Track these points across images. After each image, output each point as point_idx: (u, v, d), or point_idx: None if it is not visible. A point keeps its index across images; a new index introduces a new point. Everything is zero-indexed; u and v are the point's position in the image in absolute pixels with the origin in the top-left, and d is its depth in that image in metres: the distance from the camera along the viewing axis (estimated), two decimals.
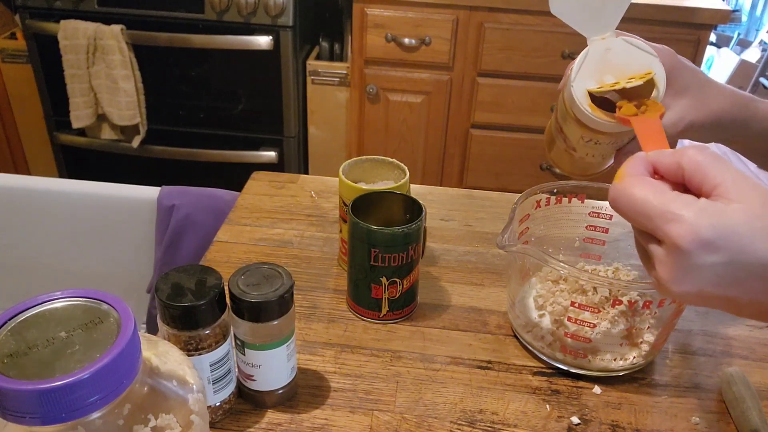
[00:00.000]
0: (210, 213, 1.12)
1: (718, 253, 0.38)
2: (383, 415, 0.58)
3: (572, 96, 0.55)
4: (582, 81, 0.55)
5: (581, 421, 0.59)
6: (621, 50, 0.55)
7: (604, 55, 0.55)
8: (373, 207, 0.69)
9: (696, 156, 0.41)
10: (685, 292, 0.40)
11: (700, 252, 0.38)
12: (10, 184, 1.15)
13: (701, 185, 0.40)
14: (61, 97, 1.85)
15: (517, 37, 1.73)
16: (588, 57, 0.55)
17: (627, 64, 0.55)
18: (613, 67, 0.55)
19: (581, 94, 0.55)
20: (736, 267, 0.38)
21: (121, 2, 1.76)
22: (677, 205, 0.39)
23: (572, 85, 0.55)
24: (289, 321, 0.55)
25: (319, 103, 1.93)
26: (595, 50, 0.55)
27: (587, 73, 0.55)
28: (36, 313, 0.32)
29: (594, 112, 0.54)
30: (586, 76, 0.55)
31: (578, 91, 0.55)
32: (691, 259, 0.38)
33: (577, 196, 0.70)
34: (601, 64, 0.55)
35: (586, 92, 0.55)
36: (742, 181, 0.39)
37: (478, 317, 0.71)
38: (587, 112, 0.54)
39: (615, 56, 0.55)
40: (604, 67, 0.55)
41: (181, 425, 0.33)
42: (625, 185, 0.42)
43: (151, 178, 1.34)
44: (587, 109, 0.55)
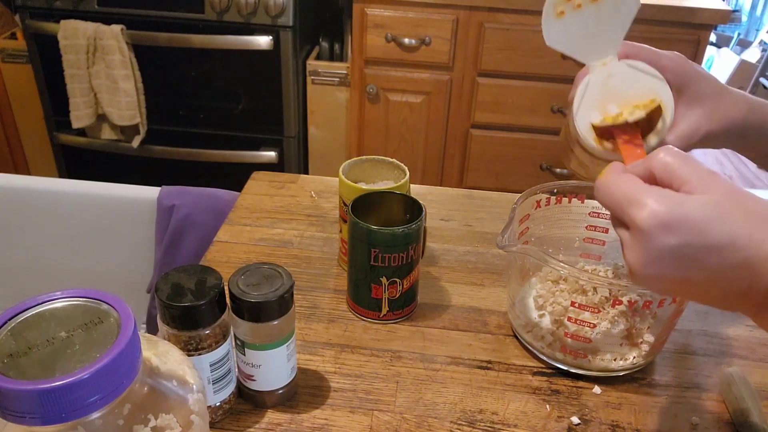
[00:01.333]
0: (210, 213, 1.12)
1: (675, 235, 0.40)
2: (383, 415, 0.59)
3: (576, 129, 0.54)
4: (585, 113, 0.53)
5: (581, 421, 0.59)
6: (624, 75, 0.53)
7: (607, 82, 0.53)
8: (373, 207, 0.69)
9: (664, 158, 0.44)
10: (650, 275, 0.43)
11: (658, 233, 0.41)
12: (10, 184, 1.15)
13: (671, 184, 0.43)
14: (61, 97, 1.85)
15: (517, 37, 1.73)
16: (589, 86, 0.53)
17: (631, 90, 0.53)
18: (616, 95, 0.53)
19: (584, 128, 0.53)
20: (692, 249, 0.40)
21: (121, 2, 1.76)
22: (643, 193, 0.42)
23: (575, 118, 0.54)
24: (289, 321, 0.55)
25: (319, 103, 1.93)
26: (597, 78, 0.53)
27: (590, 104, 0.53)
28: (36, 313, 0.32)
29: (599, 145, 0.53)
30: (588, 108, 0.53)
31: (581, 125, 0.53)
32: (651, 240, 0.41)
33: (577, 196, 0.70)
34: (604, 92, 0.53)
35: (589, 126, 0.53)
36: (707, 176, 0.42)
37: (478, 317, 0.71)
38: (593, 147, 0.53)
39: (618, 82, 0.53)
40: (607, 96, 0.53)
41: (181, 425, 0.33)
42: (603, 179, 0.46)
43: (151, 178, 1.34)
44: (593, 144, 0.53)
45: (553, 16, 0.54)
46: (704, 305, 0.46)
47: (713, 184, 0.41)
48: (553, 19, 0.54)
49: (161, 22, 1.78)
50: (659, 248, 0.41)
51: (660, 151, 0.44)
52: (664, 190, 0.42)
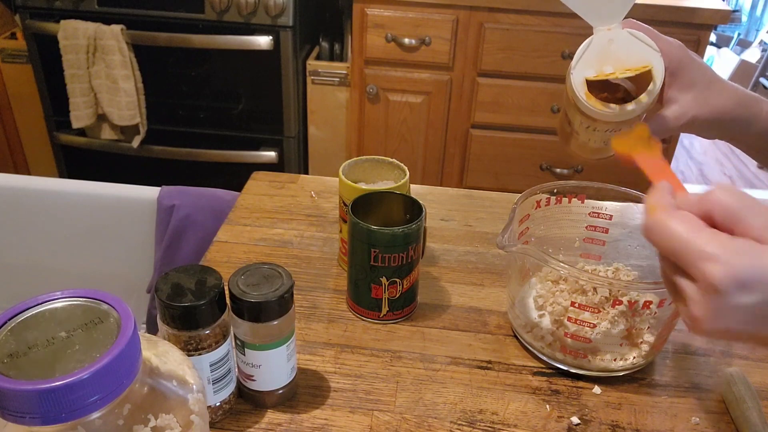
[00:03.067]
0: (210, 213, 1.12)
1: (754, 294, 0.38)
2: (383, 415, 0.58)
3: (570, 82, 0.56)
4: (581, 69, 0.56)
5: (581, 421, 0.59)
6: (624, 42, 0.56)
7: (607, 46, 0.56)
8: (373, 207, 0.69)
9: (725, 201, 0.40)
10: (716, 330, 0.40)
11: (735, 292, 0.38)
12: (10, 184, 1.15)
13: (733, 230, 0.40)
14: (61, 97, 1.85)
15: (517, 37, 1.73)
16: (591, 46, 0.56)
17: (628, 57, 0.56)
18: (613, 58, 0.56)
19: (579, 81, 0.56)
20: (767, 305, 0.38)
21: (121, 2, 1.76)
22: (714, 245, 0.39)
23: (572, 72, 0.56)
24: (289, 321, 0.55)
25: (319, 103, 1.93)
26: (599, 40, 0.56)
27: (587, 62, 0.56)
28: (36, 313, 0.32)
29: (588, 100, 0.56)
30: (586, 65, 0.56)
31: (576, 78, 0.56)
32: (727, 299, 0.38)
33: (577, 196, 0.70)
34: (603, 54, 0.56)
35: (583, 80, 0.56)
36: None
37: (478, 317, 0.71)
38: (582, 99, 0.56)
39: (617, 48, 0.56)
40: (604, 57, 0.56)
41: (181, 425, 0.33)
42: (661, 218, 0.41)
43: (151, 178, 1.34)
44: (583, 96, 0.56)
45: None
46: None
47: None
48: None
49: (161, 22, 1.78)
50: (734, 306, 0.38)
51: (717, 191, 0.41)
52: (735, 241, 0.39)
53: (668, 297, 0.58)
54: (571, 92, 0.57)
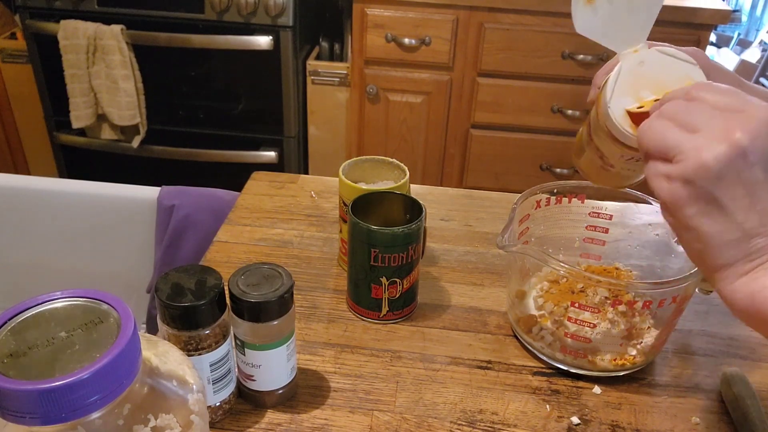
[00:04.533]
0: (210, 213, 1.12)
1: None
2: (383, 415, 0.58)
3: (610, 117, 0.52)
4: (618, 100, 0.52)
5: (581, 421, 0.59)
6: (656, 62, 0.52)
7: (638, 69, 0.52)
8: (373, 207, 0.69)
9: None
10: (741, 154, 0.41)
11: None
12: (10, 184, 1.15)
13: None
14: (61, 97, 1.85)
15: (517, 37, 1.73)
16: (622, 73, 0.52)
17: (664, 76, 0.51)
18: (649, 81, 0.51)
19: (620, 114, 0.51)
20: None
21: (121, 2, 1.76)
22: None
23: (609, 105, 0.52)
24: (289, 321, 0.55)
25: (319, 103, 1.93)
26: (628, 65, 0.52)
27: (623, 91, 0.52)
28: (36, 313, 0.32)
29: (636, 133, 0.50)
30: (622, 94, 0.52)
31: (616, 111, 0.51)
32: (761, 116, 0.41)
33: (577, 196, 0.70)
34: (637, 78, 0.52)
35: (625, 113, 0.51)
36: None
37: (478, 317, 0.71)
38: (628, 133, 0.51)
39: (650, 69, 0.52)
40: (639, 82, 0.52)
41: (181, 425, 0.33)
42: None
43: (151, 178, 1.34)
44: (628, 130, 0.51)
45: (583, 2, 0.52)
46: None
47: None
48: (583, 6, 0.53)
49: (161, 22, 1.77)
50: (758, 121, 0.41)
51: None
52: None
53: (668, 297, 0.58)
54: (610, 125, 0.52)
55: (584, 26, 0.53)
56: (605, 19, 0.53)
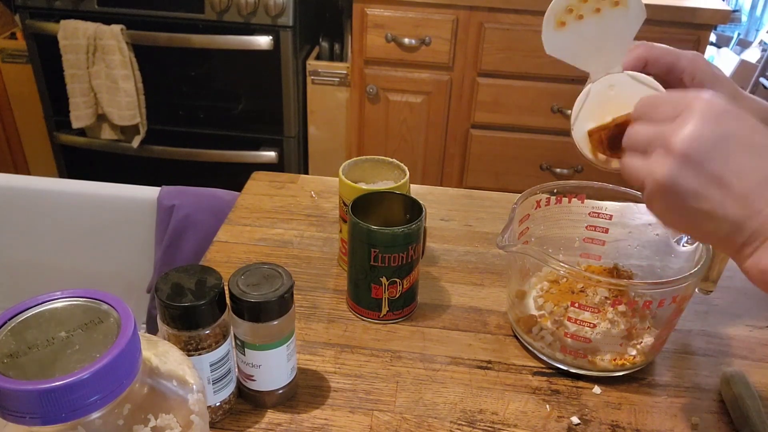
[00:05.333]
0: (210, 213, 1.12)
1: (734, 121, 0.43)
2: (383, 415, 0.58)
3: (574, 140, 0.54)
4: (582, 123, 0.54)
5: (581, 421, 0.59)
6: (625, 86, 0.52)
7: (607, 93, 0.53)
8: (373, 207, 0.69)
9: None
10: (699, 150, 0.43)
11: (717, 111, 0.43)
12: (10, 184, 1.15)
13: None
14: (61, 97, 1.85)
15: (517, 37, 1.73)
16: (590, 96, 0.53)
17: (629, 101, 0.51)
18: (615, 105, 0.52)
19: (581, 137, 0.54)
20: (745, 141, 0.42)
21: (121, 2, 1.76)
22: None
23: (573, 127, 0.54)
24: (289, 321, 0.55)
25: (319, 103, 1.93)
26: (598, 88, 0.53)
27: (588, 114, 0.53)
28: (36, 313, 0.32)
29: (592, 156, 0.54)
30: (586, 118, 0.53)
31: (578, 134, 0.54)
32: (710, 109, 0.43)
33: (577, 196, 0.70)
34: (603, 102, 0.53)
35: (585, 135, 0.54)
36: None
37: (478, 317, 0.71)
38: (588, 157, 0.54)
39: (618, 93, 0.52)
40: (606, 106, 0.53)
41: (181, 425, 0.33)
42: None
43: (151, 178, 1.34)
44: (588, 154, 0.54)
45: (554, 26, 0.53)
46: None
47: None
48: (554, 30, 0.53)
49: (161, 22, 1.78)
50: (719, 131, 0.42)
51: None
52: None
53: (668, 297, 0.58)
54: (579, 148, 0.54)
55: (555, 49, 0.54)
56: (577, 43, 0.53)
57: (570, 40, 0.53)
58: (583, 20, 0.53)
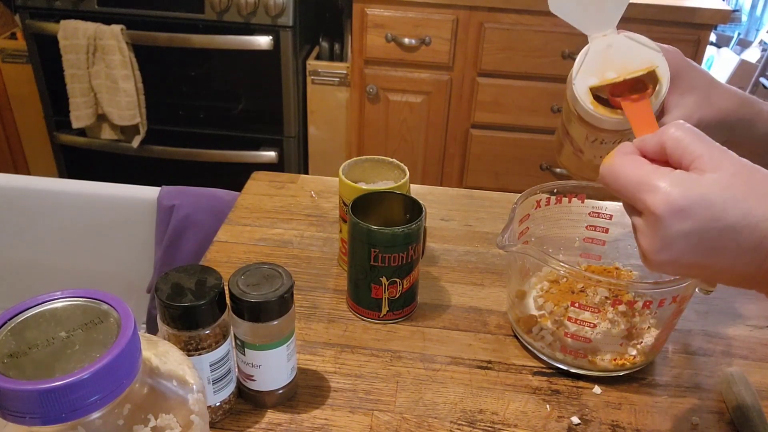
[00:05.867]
0: (210, 213, 1.12)
1: (691, 220, 0.40)
2: (383, 415, 0.58)
3: (574, 94, 0.55)
4: (583, 78, 0.55)
5: (581, 421, 0.59)
6: (623, 46, 0.54)
7: (606, 52, 0.55)
8: (373, 207, 0.69)
9: (675, 132, 0.43)
10: (665, 261, 0.42)
11: (673, 220, 0.40)
12: (10, 184, 1.15)
13: (681, 160, 0.42)
14: (61, 97, 1.85)
15: (517, 37, 1.73)
16: (589, 54, 0.55)
17: (629, 60, 0.54)
18: (615, 64, 0.54)
19: (583, 91, 0.54)
20: (709, 233, 0.40)
21: (121, 2, 1.76)
22: (654, 176, 0.41)
23: (574, 82, 0.55)
24: (289, 321, 0.55)
25: (319, 103, 1.93)
26: (596, 47, 0.55)
27: (589, 70, 0.55)
28: (36, 313, 0.32)
29: (596, 108, 0.54)
30: (587, 73, 0.55)
31: (580, 88, 0.54)
32: (666, 227, 0.40)
33: (577, 196, 0.70)
34: (603, 60, 0.55)
35: (587, 89, 0.54)
36: (718, 153, 0.41)
37: (478, 317, 0.71)
38: (590, 109, 0.54)
39: (617, 52, 0.54)
40: (605, 64, 0.54)
41: (181, 425, 0.33)
42: (610, 162, 0.45)
43: (151, 178, 1.34)
44: (590, 106, 0.54)
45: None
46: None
47: (725, 161, 0.41)
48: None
49: (161, 22, 1.77)
50: (675, 234, 0.40)
51: (672, 126, 0.43)
52: (676, 172, 0.41)
53: (668, 297, 0.58)
54: (575, 103, 0.55)
55: (558, 7, 0.55)
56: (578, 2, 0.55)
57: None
58: None
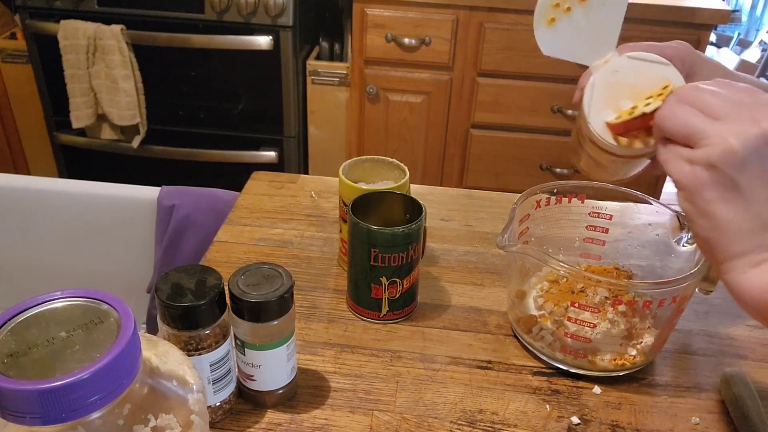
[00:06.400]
0: (210, 213, 1.12)
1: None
2: (383, 415, 0.58)
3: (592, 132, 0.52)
4: (598, 114, 0.52)
5: (581, 421, 0.59)
6: (629, 68, 0.52)
7: (613, 79, 0.52)
8: (373, 207, 0.69)
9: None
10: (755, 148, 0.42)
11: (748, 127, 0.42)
12: (10, 184, 1.15)
13: None
14: (61, 97, 1.85)
15: (517, 37, 1.73)
16: (597, 86, 0.52)
17: (640, 81, 0.51)
18: (626, 89, 0.51)
19: (600, 128, 0.52)
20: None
21: (121, 2, 1.76)
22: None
23: (589, 121, 0.52)
24: (289, 321, 0.55)
25: (319, 103, 1.93)
26: (602, 77, 0.52)
27: (601, 104, 0.52)
28: (36, 313, 0.32)
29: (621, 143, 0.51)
30: (600, 108, 0.52)
31: (597, 126, 0.52)
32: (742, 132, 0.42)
33: (577, 196, 0.70)
34: (613, 89, 0.52)
35: (605, 126, 0.51)
36: None
37: (478, 317, 0.71)
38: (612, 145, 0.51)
39: (625, 77, 0.52)
40: (616, 92, 0.52)
41: (181, 425, 0.33)
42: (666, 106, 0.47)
43: (151, 178, 1.34)
44: (612, 142, 0.51)
45: (545, 25, 0.53)
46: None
47: None
48: (545, 28, 0.53)
49: (161, 22, 1.77)
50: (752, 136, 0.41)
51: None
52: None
53: (668, 297, 0.58)
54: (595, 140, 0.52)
55: (551, 48, 0.53)
56: (570, 37, 0.53)
57: (563, 35, 0.53)
58: (572, 12, 0.53)
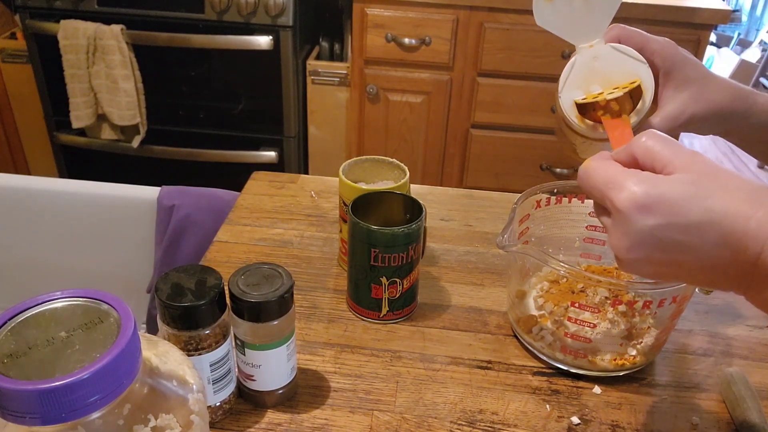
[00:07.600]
0: (210, 213, 1.12)
1: (654, 216, 0.40)
2: (383, 415, 0.58)
3: (560, 106, 0.56)
4: (569, 91, 0.56)
5: (581, 421, 0.59)
6: (609, 58, 0.55)
7: (592, 64, 0.55)
8: (373, 207, 0.69)
9: (646, 141, 0.44)
10: (635, 259, 0.42)
11: (637, 216, 0.41)
12: (10, 184, 1.15)
13: (653, 167, 0.43)
14: (61, 97, 1.85)
15: (517, 37, 1.73)
16: (575, 66, 0.56)
17: (614, 72, 0.55)
18: (600, 76, 0.55)
19: (568, 105, 0.56)
20: (673, 229, 0.40)
21: (121, 2, 1.76)
22: (621, 176, 0.43)
23: (560, 96, 0.56)
24: (289, 321, 0.55)
25: (319, 103, 1.93)
26: (583, 59, 0.56)
27: (574, 83, 0.56)
28: (36, 313, 0.32)
29: (581, 123, 0.56)
30: (573, 86, 0.56)
31: (565, 102, 0.56)
32: (631, 223, 0.41)
33: (577, 196, 0.70)
34: (589, 72, 0.56)
35: (573, 103, 0.56)
36: (689, 157, 0.42)
37: (478, 317, 0.71)
38: (574, 123, 0.56)
39: (602, 64, 0.55)
40: (591, 76, 0.55)
41: (181, 425, 0.33)
42: (586, 165, 0.46)
43: (151, 178, 1.34)
44: (574, 120, 0.56)
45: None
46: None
47: (694, 164, 0.41)
48: (544, 2, 0.57)
49: (161, 22, 1.78)
50: (640, 230, 0.41)
51: (642, 135, 0.44)
52: (643, 173, 0.42)
53: (668, 297, 0.58)
54: (563, 115, 0.56)
55: (545, 20, 0.57)
56: (564, 14, 0.56)
57: (559, 12, 0.57)
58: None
